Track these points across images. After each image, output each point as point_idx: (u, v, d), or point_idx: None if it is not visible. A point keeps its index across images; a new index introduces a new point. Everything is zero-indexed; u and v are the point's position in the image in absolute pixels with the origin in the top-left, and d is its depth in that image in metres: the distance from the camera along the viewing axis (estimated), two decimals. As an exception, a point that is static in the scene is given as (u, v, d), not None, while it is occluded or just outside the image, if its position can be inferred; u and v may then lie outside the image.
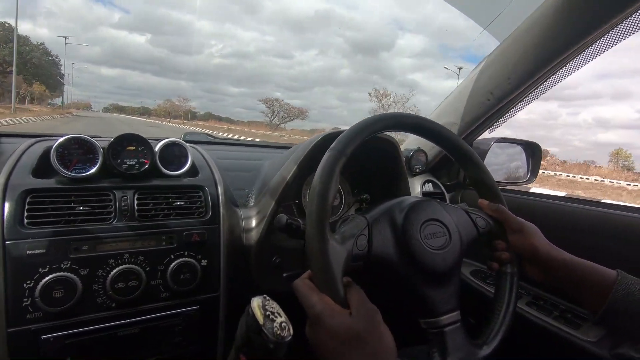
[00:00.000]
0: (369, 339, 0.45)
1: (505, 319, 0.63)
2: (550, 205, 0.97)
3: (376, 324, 0.47)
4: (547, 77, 0.87)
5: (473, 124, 1.00)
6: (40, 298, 0.58)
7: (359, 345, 0.44)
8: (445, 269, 0.59)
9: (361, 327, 0.45)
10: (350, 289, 0.50)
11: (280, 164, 0.88)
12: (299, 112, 58.17)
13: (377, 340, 0.45)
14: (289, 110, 56.98)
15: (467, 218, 0.66)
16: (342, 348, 0.44)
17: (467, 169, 0.70)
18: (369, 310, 0.47)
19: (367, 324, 0.46)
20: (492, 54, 0.91)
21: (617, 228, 0.81)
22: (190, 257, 0.71)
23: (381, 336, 0.46)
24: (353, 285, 0.51)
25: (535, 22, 0.79)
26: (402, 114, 0.64)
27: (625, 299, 0.55)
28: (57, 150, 0.67)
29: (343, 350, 0.44)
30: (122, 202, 0.69)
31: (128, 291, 0.65)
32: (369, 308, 0.48)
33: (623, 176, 20.86)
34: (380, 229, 0.59)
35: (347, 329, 0.44)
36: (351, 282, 0.52)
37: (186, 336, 0.71)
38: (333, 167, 0.54)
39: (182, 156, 0.80)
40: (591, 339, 0.73)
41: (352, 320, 0.45)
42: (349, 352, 0.44)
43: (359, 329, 0.45)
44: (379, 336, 0.46)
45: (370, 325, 0.46)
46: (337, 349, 0.44)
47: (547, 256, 0.62)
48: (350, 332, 0.44)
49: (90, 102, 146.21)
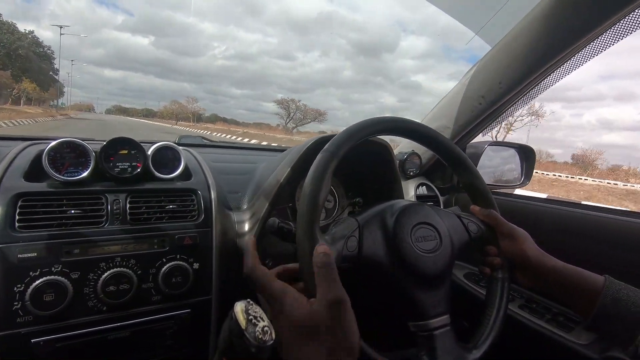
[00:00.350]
0: (329, 331, 0.41)
1: (496, 323, 0.63)
2: (542, 209, 0.98)
3: (340, 315, 0.43)
4: (538, 81, 0.88)
5: (466, 128, 1.00)
6: (31, 301, 0.58)
7: (317, 337, 0.41)
8: (436, 273, 0.59)
9: (322, 319, 0.42)
10: (322, 269, 0.45)
11: (274, 167, 0.88)
12: (317, 113, 54.78)
13: (339, 334, 0.42)
14: (305, 112, 53.84)
15: (459, 222, 0.66)
16: (300, 340, 0.41)
17: (460, 174, 0.71)
18: (334, 300, 0.43)
19: (330, 314, 0.42)
20: (483, 59, 0.92)
21: (608, 232, 0.82)
22: (182, 261, 0.71)
23: (344, 329, 0.43)
24: (326, 264, 0.46)
25: (526, 28, 0.80)
26: (396, 118, 0.65)
27: (613, 304, 0.56)
28: (49, 153, 0.68)
29: (300, 342, 0.41)
30: (114, 205, 0.70)
31: (119, 294, 0.65)
32: (335, 297, 0.43)
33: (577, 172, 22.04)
34: (371, 231, 0.59)
35: (307, 322, 0.42)
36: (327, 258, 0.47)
37: (178, 339, 0.71)
38: (325, 169, 0.54)
39: (175, 159, 0.80)
40: (583, 342, 0.74)
41: (313, 310, 0.42)
42: (306, 345, 0.41)
43: (319, 320, 0.42)
44: (342, 329, 0.42)
45: (332, 316, 0.42)
46: (295, 340, 0.42)
47: (537, 262, 0.63)
48: (310, 325, 0.41)
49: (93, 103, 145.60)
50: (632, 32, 0.73)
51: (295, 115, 52.78)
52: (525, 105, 0.95)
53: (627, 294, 0.57)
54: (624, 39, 0.73)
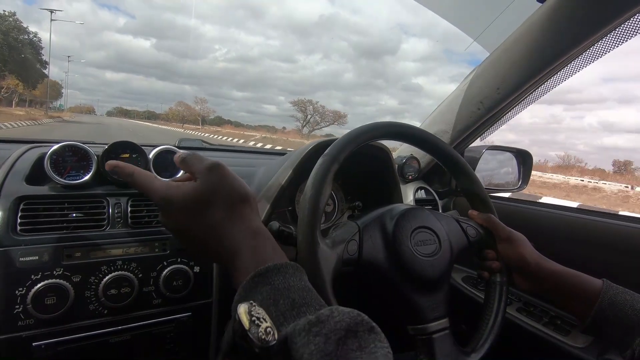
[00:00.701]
0: (217, 191, 0.42)
1: (494, 327, 0.64)
2: (540, 213, 0.99)
3: (221, 173, 0.43)
4: (536, 86, 0.89)
5: (464, 133, 1.01)
6: (32, 305, 0.58)
7: (208, 203, 0.42)
8: (435, 276, 0.60)
9: (206, 185, 0.42)
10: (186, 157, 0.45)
11: (274, 170, 0.88)
12: (337, 116, 49.97)
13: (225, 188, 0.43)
14: (324, 114, 49.36)
15: (457, 226, 0.67)
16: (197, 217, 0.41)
17: (458, 178, 0.71)
18: (210, 164, 0.43)
19: (212, 177, 0.42)
20: (482, 65, 0.93)
21: (606, 236, 0.83)
22: (183, 264, 0.71)
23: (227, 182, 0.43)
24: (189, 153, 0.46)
25: (523, 34, 0.81)
26: (395, 124, 0.65)
27: (611, 308, 0.57)
28: (51, 157, 0.68)
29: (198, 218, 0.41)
30: (115, 209, 0.70)
31: (120, 298, 0.65)
32: (210, 162, 0.44)
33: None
34: (371, 234, 0.60)
35: (194, 197, 0.41)
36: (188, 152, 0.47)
37: (178, 343, 0.71)
38: (326, 173, 0.55)
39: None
40: (580, 345, 0.74)
41: (196, 184, 0.42)
42: (205, 216, 0.41)
43: (204, 188, 0.42)
44: (225, 183, 0.43)
45: (215, 177, 0.43)
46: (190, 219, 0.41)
47: (535, 266, 0.64)
48: (199, 199, 0.41)
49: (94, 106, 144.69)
50: (630, 38, 0.74)
51: (314, 118, 48.47)
52: (523, 110, 0.96)
53: (624, 298, 0.57)
54: (622, 45, 0.74)
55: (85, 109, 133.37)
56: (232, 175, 0.44)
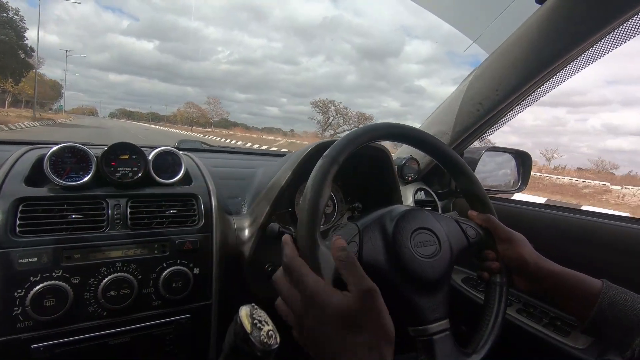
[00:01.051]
0: (367, 320, 0.41)
1: (494, 328, 0.63)
2: (540, 214, 0.99)
3: (375, 303, 0.42)
4: (535, 88, 0.89)
5: (463, 134, 1.01)
6: (31, 307, 0.58)
7: (355, 327, 0.40)
8: (435, 277, 0.60)
9: (359, 308, 0.41)
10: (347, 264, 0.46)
11: (274, 171, 0.88)
12: (362, 117, 44.69)
13: (376, 321, 0.42)
14: (346, 116, 44.29)
15: (457, 227, 0.67)
16: (338, 332, 0.40)
17: (458, 179, 0.71)
18: (368, 289, 0.43)
19: (366, 303, 0.42)
20: (481, 66, 0.93)
21: (606, 237, 0.83)
22: (183, 266, 0.71)
23: (380, 316, 0.42)
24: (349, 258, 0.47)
25: (522, 36, 0.82)
26: (395, 125, 0.65)
27: (610, 308, 0.56)
28: (50, 158, 0.68)
29: (338, 334, 0.40)
30: (115, 210, 0.70)
31: (120, 300, 0.65)
32: (367, 286, 0.43)
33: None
34: (370, 236, 0.59)
35: (344, 310, 0.40)
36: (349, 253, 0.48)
37: (178, 345, 0.71)
38: (325, 174, 0.54)
39: (176, 164, 0.81)
40: (580, 346, 0.74)
41: (349, 299, 0.41)
42: (345, 336, 0.40)
43: (356, 309, 0.41)
44: (379, 316, 0.42)
45: (369, 304, 0.42)
46: (333, 332, 0.40)
47: (535, 266, 0.63)
48: (347, 313, 0.40)
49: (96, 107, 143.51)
50: (629, 39, 0.74)
51: (336, 120, 43.63)
52: (522, 111, 0.96)
53: (624, 298, 0.57)
54: (622, 46, 0.74)
55: (88, 111, 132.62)
56: (384, 307, 0.43)
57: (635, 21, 0.70)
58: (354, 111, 47.92)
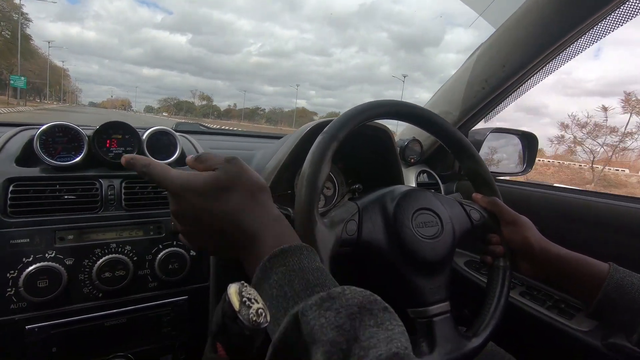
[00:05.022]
0: (238, 181, 0.43)
1: (496, 312, 0.62)
2: (545, 196, 0.96)
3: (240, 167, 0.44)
4: (544, 63, 0.85)
5: (468, 113, 0.98)
6: (24, 288, 0.57)
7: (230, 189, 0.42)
8: (436, 259, 0.58)
9: (227, 175, 0.43)
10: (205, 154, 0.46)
11: (272, 153, 0.86)
12: None
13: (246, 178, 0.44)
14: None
15: (460, 209, 0.65)
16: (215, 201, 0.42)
17: (462, 160, 0.69)
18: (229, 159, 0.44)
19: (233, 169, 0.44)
20: (487, 41, 0.89)
21: (613, 218, 0.81)
22: (179, 247, 0.70)
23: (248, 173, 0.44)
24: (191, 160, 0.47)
25: (531, 8, 0.78)
26: (397, 102, 0.63)
27: (617, 292, 0.55)
28: (40, 137, 0.66)
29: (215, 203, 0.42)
30: (108, 191, 0.68)
31: (115, 281, 0.64)
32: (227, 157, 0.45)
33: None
34: (371, 215, 0.58)
35: (211, 184, 0.42)
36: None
37: (174, 326, 0.70)
38: (324, 151, 0.53)
39: (171, 145, 0.79)
40: (584, 329, 0.73)
41: (216, 172, 0.43)
42: (222, 201, 0.42)
43: (225, 176, 0.43)
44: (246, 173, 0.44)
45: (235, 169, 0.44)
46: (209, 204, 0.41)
47: (540, 250, 0.62)
48: (218, 182, 0.42)
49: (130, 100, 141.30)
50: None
51: None
52: (530, 89, 0.92)
53: (631, 282, 0.56)
54: (637, 16, 0.71)
55: (119, 104, 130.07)
56: (249, 167, 0.45)
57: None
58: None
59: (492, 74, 0.88)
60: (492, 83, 0.89)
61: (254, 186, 0.44)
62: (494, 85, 0.89)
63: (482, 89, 0.91)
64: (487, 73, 0.89)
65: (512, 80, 0.87)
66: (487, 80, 0.89)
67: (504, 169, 1.21)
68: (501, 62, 0.85)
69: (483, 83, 0.90)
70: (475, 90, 0.93)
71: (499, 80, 0.88)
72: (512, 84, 0.89)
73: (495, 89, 0.89)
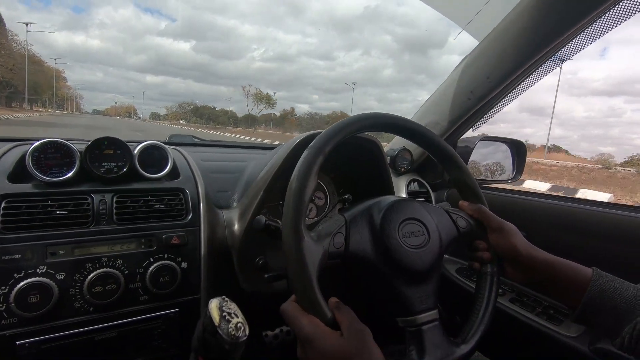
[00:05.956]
0: (359, 356, 0.45)
1: (485, 317, 0.63)
2: (531, 203, 0.98)
3: (367, 343, 0.47)
4: (527, 74, 0.87)
5: (456, 123, 1.00)
6: (15, 303, 0.58)
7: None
8: (423, 268, 0.59)
9: (352, 348, 0.45)
10: (340, 310, 0.50)
11: (263, 164, 0.87)
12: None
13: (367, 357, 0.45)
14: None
15: (447, 218, 0.66)
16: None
17: (449, 170, 0.71)
18: (360, 331, 0.47)
19: (358, 344, 0.46)
20: (471, 54, 0.92)
21: (597, 225, 0.82)
22: (170, 260, 0.70)
23: (371, 353, 0.46)
24: (342, 305, 0.51)
25: (513, 21, 0.80)
26: (384, 115, 0.64)
27: (600, 296, 0.56)
28: (33, 154, 0.67)
29: None
30: (100, 205, 0.69)
31: (106, 295, 0.64)
32: (359, 328, 0.47)
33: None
34: (358, 227, 0.59)
35: (339, 351, 0.44)
36: (340, 303, 0.51)
37: (166, 339, 0.71)
38: (311, 165, 0.54)
39: (163, 159, 0.80)
40: (572, 335, 0.74)
41: (343, 341, 0.45)
42: None
43: (350, 349, 0.45)
44: (369, 353, 0.46)
45: (361, 345, 0.46)
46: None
47: (527, 255, 0.63)
48: (342, 354, 0.44)
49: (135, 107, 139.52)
50: (623, 21, 0.73)
51: None
52: (514, 99, 0.94)
53: (614, 286, 0.56)
54: (616, 27, 0.73)
55: (124, 110, 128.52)
56: (374, 344, 0.47)
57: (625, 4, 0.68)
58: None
59: (477, 85, 0.90)
60: (478, 94, 0.91)
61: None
62: (479, 95, 0.91)
63: (468, 100, 0.93)
64: (472, 84, 0.91)
65: (497, 91, 0.89)
66: (473, 92, 0.91)
67: (494, 176, 1.23)
68: (485, 74, 0.87)
69: (469, 94, 0.92)
70: (462, 101, 0.95)
71: (485, 91, 0.90)
72: (496, 94, 0.91)
73: (480, 100, 0.91)
